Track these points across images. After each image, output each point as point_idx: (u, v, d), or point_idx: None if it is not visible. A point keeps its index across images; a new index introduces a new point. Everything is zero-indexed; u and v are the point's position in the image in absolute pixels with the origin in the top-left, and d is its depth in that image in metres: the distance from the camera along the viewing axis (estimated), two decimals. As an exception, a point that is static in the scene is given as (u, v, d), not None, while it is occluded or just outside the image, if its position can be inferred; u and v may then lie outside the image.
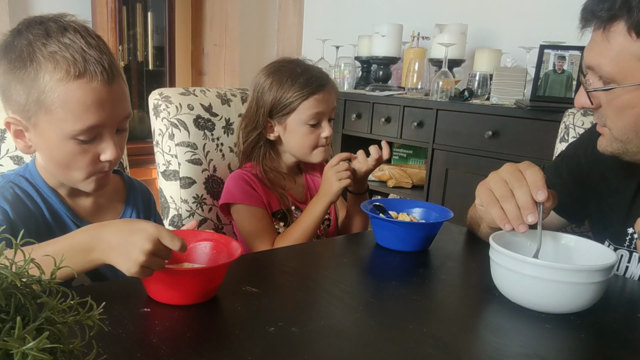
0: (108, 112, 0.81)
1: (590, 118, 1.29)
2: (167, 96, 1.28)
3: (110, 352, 0.56)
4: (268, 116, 1.25)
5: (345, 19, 3.16)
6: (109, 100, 0.81)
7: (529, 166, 0.83)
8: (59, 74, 0.77)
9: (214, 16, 3.45)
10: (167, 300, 0.70)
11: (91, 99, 0.78)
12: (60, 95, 0.78)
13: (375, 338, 0.66)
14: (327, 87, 1.25)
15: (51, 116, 0.79)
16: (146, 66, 3.11)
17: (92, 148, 0.83)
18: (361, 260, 0.97)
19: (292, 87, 1.22)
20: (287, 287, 0.81)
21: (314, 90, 1.23)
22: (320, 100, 1.23)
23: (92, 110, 0.79)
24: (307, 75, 1.24)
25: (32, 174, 0.89)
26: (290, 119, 1.24)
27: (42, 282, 0.39)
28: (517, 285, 0.75)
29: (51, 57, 0.77)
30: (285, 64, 1.27)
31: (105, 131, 0.82)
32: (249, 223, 1.22)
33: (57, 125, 0.79)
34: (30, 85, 0.78)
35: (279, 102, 1.23)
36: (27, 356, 0.33)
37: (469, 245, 1.04)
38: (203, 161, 1.30)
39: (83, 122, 0.79)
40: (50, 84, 0.77)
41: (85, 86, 0.78)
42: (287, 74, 1.24)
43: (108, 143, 0.83)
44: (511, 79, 2.13)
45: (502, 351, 0.64)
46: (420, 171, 2.47)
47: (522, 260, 0.73)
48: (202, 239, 0.80)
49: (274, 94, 1.24)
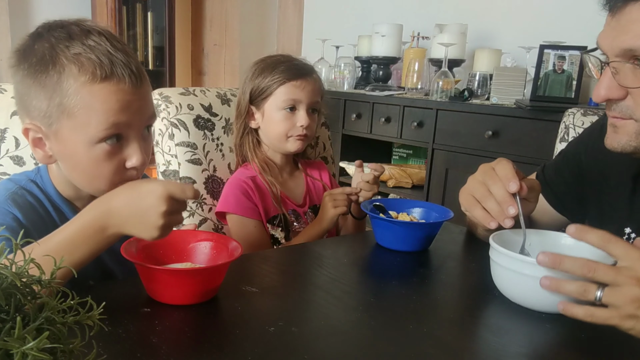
0: (135, 114, 0.77)
1: (590, 118, 1.29)
2: (167, 96, 1.28)
3: (110, 352, 0.56)
4: (249, 102, 1.28)
5: (345, 19, 3.16)
6: (136, 103, 0.77)
7: (499, 162, 0.85)
8: (84, 76, 0.74)
9: (214, 16, 3.45)
10: (167, 300, 0.70)
11: (118, 102, 0.75)
12: (84, 98, 0.74)
13: (375, 338, 0.66)
14: (307, 77, 1.27)
15: (74, 121, 0.75)
16: (146, 66, 3.11)
17: (118, 153, 0.78)
18: (361, 260, 0.97)
19: (271, 73, 1.25)
20: (287, 287, 0.81)
21: (292, 77, 1.24)
22: (297, 87, 1.25)
23: (118, 113, 0.75)
24: (288, 64, 1.26)
25: (44, 181, 0.85)
26: (267, 104, 1.26)
27: (42, 282, 0.39)
28: (517, 285, 0.75)
29: (75, 59, 0.74)
30: (272, 56, 1.31)
31: (131, 134, 0.78)
32: (241, 234, 1.22)
33: (81, 130, 0.75)
34: (52, 89, 0.74)
35: (257, 87, 1.26)
36: (27, 356, 0.33)
37: (469, 245, 1.04)
38: (203, 161, 1.30)
39: (109, 123, 0.75)
40: (74, 87, 0.74)
41: (112, 88, 0.75)
42: (270, 64, 1.27)
43: (134, 148, 0.78)
44: (511, 79, 2.13)
45: (502, 351, 0.64)
46: (420, 171, 2.47)
47: (522, 260, 0.73)
48: (202, 239, 0.80)
49: (254, 80, 1.27)
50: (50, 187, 0.85)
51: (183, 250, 0.79)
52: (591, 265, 0.65)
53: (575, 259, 0.66)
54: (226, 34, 3.41)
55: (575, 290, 0.66)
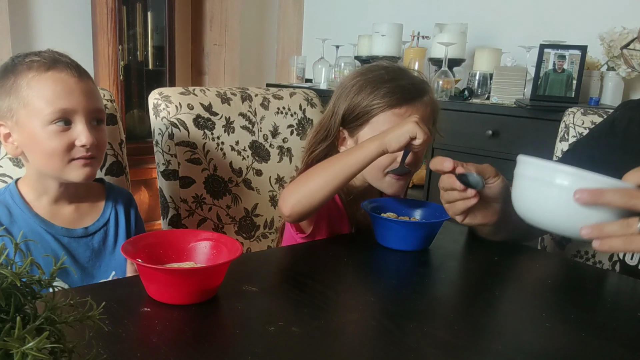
0: (78, 99, 0.91)
1: (590, 117, 1.29)
2: (166, 96, 1.28)
3: (110, 352, 0.56)
4: (341, 125, 1.08)
5: (345, 18, 3.16)
6: (78, 90, 0.92)
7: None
8: (34, 71, 0.90)
9: (214, 16, 3.45)
10: (167, 300, 0.70)
11: (61, 87, 0.90)
12: (34, 88, 0.90)
13: (375, 338, 0.65)
14: (416, 102, 1.04)
15: (29, 108, 0.90)
16: (146, 66, 3.10)
17: (68, 134, 0.91)
18: (361, 260, 0.97)
19: (372, 94, 1.04)
20: (287, 287, 0.81)
21: (396, 103, 1.03)
22: (401, 116, 1.02)
23: (62, 96, 0.90)
24: (394, 84, 1.04)
25: (12, 192, 0.97)
26: (362, 132, 1.06)
27: (42, 282, 0.39)
28: (546, 200, 0.70)
29: (28, 64, 0.91)
30: (376, 68, 1.09)
31: (77, 119, 0.91)
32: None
33: (35, 115, 0.90)
34: (10, 87, 0.91)
35: (354, 109, 1.06)
36: (27, 356, 0.33)
37: (469, 244, 1.04)
38: (203, 160, 1.30)
39: (55, 106, 0.89)
40: (26, 81, 0.90)
41: (55, 76, 0.90)
42: (372, 79, 1.06)
43: (81, 129, 0.91)
44: (511, 78, 2.13)
45: (502, 351, 0.64)
46: (420, 171, 2.47)
47: (555, 169, 0.69)
48: (202, 239, 0.80)
49: (350, 99, 1.06)
50: (17, 195, 0.97)
51: (183, 250, 0.79)
52: (633, 193, 0.64)
53: (615, 190, 0.65)
54: (226, 34, 3.41)
55: (618, 229, 0.65)
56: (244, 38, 3.43)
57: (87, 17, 2.93)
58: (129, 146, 1.35)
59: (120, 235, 1.03)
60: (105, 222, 1.02)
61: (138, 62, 3.06)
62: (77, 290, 0.74)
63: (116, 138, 1.22)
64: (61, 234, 0.96)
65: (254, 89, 1.46)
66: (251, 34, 3.50)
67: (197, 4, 3.50)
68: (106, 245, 1.01)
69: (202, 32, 3.51)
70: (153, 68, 3.12)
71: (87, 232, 0.99)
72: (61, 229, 0.96)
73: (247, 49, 3.47)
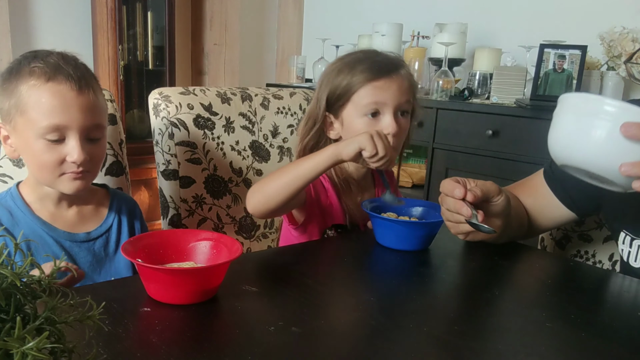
0: (74, 115, 0.89)
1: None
2: (166, 95, 1.28)
3: (110, 352, 0.56)
4: (326, 110, 1.11)
5: (345, 18, 3.16)
6: (76, 106, 0.89)
7: (442, 182, 0.94)
8: (35, 80, 0.88)
9: (213, 16, 3.45)
10: (167, 300, 0.70)
11: (58, 101, 0.88)
12: (32, 97, 0.88)
13: (375, 338, 0.65)
14: (393, 74, 1.08)
15: (26, 117, 0.89)
16: (146, 66, 3.10)
17: (59, 149, 0.90)
18: (361, 260, 0.97)
19: (350, 73, 1.08)
20: (287, 287, 0.81)
21: (374, 76, 1.07)
22: (380, 88, 1.06)
23: (57, 111, 0.88)
24: (370, 61, 1.09)
25: (13, 195, 0.97)
26: (346, 111, 1.09)
27: (42, 282, 0.39)
28: (590, 136, 0.67)
29: (31, 70, 0.89)
30: (353, 53, 1.14)
31: (71, 133, 0.89)
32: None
33: (30, 126, 0.89)
34: (11, 91, 0.90)
35: (335, 90, 1.10)
36: (27, 356, 0.33)
37: (469, 244, 1.04)
38: (203, 160, 1.30)
39: (49, 120, 0.88)
40: (26, 88, 0.88)
41: (53, 88, 0.88)
42: (349, 61, 1.10)
43: (73, 145, 0.89)
44: (511, 78, 2.13)
45: (502, 351, 0.64)
46: (420, 170, 2.47)
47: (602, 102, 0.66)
48: (202, 239, 0.80)
49: (331, 83, 1.10)
50: (19, 199, 0.97)
51: (183, 250, 0.79)
52: None
53: None
54: (226, 33, 3.41)
55: None
56: (243, 38, 3.43)
57: (87, 17, 2.93)
58: (129, 146, 1.35)
59: (121, 242, 1.02)
60: (107, 228, 1.01)
61: (138, 62, 3.06)
62: (77, 290, 0.74)
63: (116, 138, 1.22)
64: (63, 238, 0.96)
65: (254, 88, 1.46)
66: (251, 34, 3.50)
67: (197, 4, 3.50)
68: (107, 251, 1.00)
69: (202, 31, 3.51)
70: (153, 68, 3.12)
71: (89, 237, 0.98)
72: (63, 232, 0.96)
73: (247, 49, 3.47)
